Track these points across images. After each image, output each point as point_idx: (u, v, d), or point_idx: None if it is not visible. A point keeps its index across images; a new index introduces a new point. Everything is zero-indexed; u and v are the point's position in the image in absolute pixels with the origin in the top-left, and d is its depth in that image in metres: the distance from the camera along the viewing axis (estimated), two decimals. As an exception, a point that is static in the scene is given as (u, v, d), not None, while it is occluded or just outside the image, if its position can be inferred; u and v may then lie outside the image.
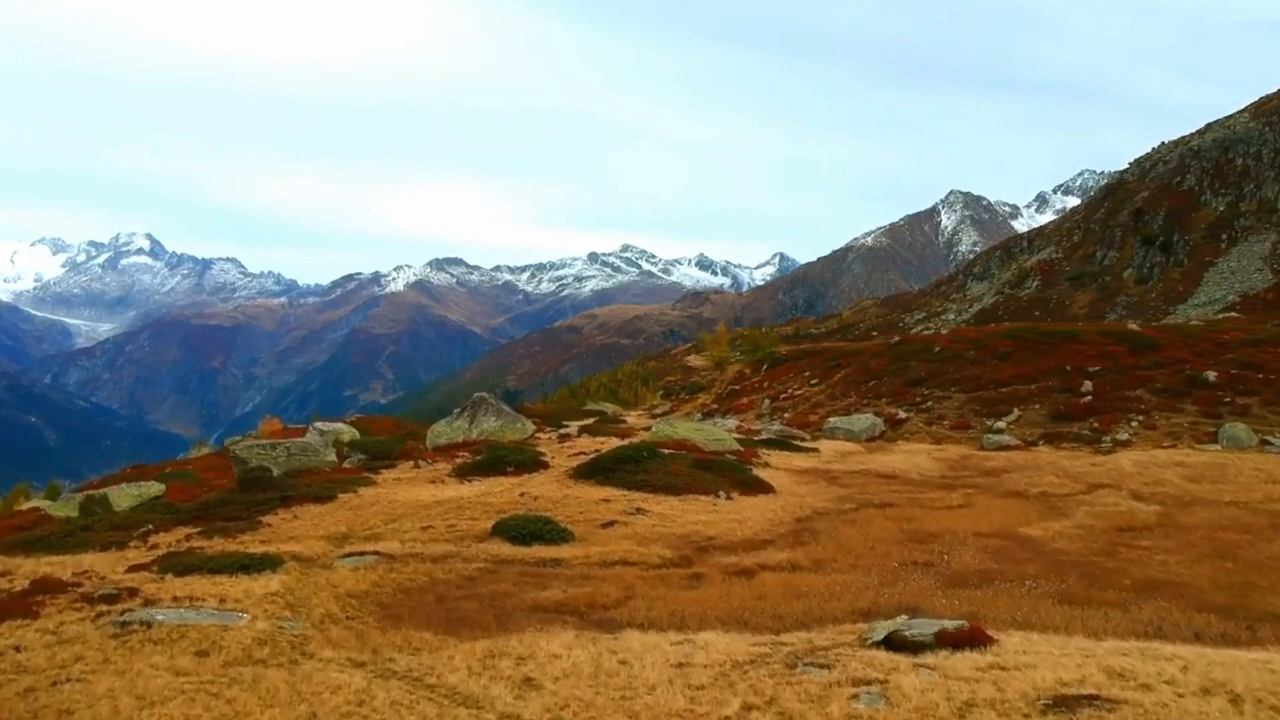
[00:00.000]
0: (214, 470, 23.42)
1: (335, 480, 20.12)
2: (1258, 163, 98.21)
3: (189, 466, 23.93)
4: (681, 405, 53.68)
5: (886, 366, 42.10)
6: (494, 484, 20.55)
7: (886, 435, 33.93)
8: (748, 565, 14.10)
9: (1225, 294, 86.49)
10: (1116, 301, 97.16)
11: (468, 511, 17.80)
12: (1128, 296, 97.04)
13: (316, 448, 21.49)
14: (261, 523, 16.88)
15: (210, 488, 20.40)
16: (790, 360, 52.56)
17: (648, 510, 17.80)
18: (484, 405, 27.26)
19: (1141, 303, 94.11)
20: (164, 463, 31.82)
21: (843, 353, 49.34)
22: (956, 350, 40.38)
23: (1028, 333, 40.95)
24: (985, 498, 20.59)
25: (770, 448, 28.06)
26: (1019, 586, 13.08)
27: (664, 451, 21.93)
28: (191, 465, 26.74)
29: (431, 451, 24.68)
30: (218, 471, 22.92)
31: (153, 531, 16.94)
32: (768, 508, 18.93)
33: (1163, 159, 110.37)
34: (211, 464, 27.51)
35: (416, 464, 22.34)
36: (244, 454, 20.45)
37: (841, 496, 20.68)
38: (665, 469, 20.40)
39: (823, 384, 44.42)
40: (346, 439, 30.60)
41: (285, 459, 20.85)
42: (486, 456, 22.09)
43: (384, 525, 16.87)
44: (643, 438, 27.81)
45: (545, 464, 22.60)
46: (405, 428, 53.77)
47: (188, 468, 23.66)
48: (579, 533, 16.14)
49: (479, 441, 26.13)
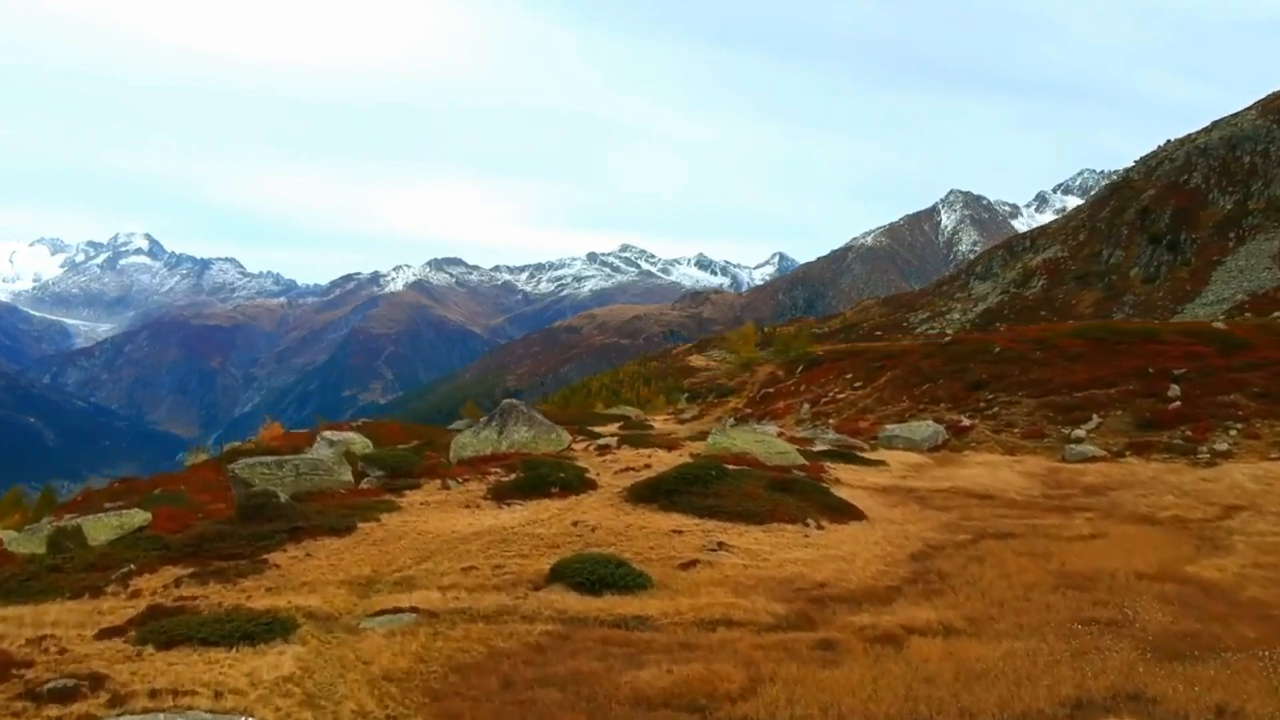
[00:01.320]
0: (210, 490, 20.30)
1: (353, 505, 17.06)
2: (1265, 160, 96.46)
3: (181, 486, 20.78)
4: (710, 409, 50.62)
5: (941, 368, 39.06)
6: (539, 509, 17.50)
7: (950, 444, 30.89)
8: (888, 627, 11.06)
9: (1234, 293, 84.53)
10: (1123, 301, 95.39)
11: (515, 546, 14.79)
12: (1134, 296, 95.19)
13: (329, 465, 18.41)
14: (267, 562, 13.86)
15: (205, 513, 17.32)
16: (828, 361, 49.49)
17: (731, 545, 14.78)
18: (514, 413, 24.18)
19: (1148, 302, 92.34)
20: (154, 477, 28.78)
21: (886, 353, 46.27)
22: (1020, 351, 37.29)
23: (1100, 331, 37.89)
24: (1114, 525, 17.55)
25: (833, 460, 25.06)
26: (1252, 659, 10.09)
27: (730, 469, 18.90)
28: (184, 483, 23.63)
29: (458, 466, 21.62)
30: (214, 492, 19.81)
31: (135, 573, 13.92)
32: (869, 540, 15.91)
33: (1169, 157, 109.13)
34: (206, 481, 24.46)
35: (445, 483, 19.28)
36: (245, 475, 17.40)
37: (946, 524, 17.64)
38: (738, 491, 17.38)
39: (867, 387, 41.43)
40: (359, 450, 27.55)
41: (294, 479, 17.79)
42: (527, 476, 19.01)
43: (416, 565, 13.86)
44: (698, 449, 24.81)
45: (593, 483, 19.55)
46: (414, 433, 50.79)
47: (180, 487, 20.51)
48: (657, 576, 13.12)
49: (511, 455, 23.07)
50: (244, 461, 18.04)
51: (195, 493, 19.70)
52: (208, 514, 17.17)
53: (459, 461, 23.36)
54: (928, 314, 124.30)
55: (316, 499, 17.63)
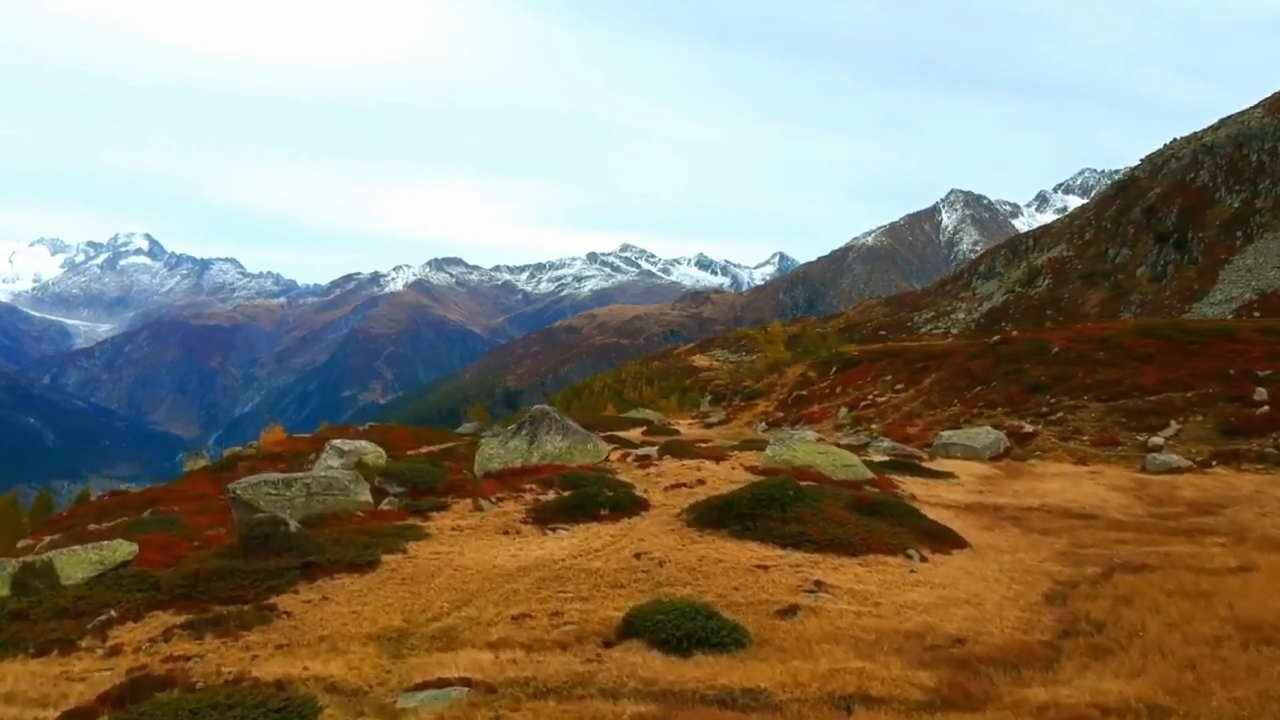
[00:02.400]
0: (208, 512, 17.78)
1: (374, 532, 14.59)
2: (1273, 158, 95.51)
3: (175, 507, 18.20)
4: (738, 413, 48.19)
5: (992, 370, 36.66)
6: (590, 536, 15.06)
7: (1013, 453, 28.42)
8: (1076, 708, 8.59)
9: (1242, 292, 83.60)
10: (1130, 300, 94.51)
11: (571, 585, 12.36)
12: (1141, 295, 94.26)
13: (345, 483, 15.92)
14: (276, 609, 11.42)
15: (202, 541, 14.85)
16: (864, 362, 47.00)
17: (830, 584, 12.33)
18: (546, 421, 21.67)
19: (1155, 301, 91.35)
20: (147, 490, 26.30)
21: (928, 353, 43.80)
22: (1081, 351, 34.84)
23: (1170, 330, 35.44)
24: (1258, 553, 15.04)
25: (896, 472, 22.60)
26: None
27: (806, 487, 16.43)
28: (180, 498, 21.13)
29: (487, 482, 19.15)
30: (213, 515, 17.28)
31: (116, 621, 11.50)
32: (985, 575, 13.46)
33: (1175, 155, 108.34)
34: (204, 497, 22.03)
35: (476, 503, 16.79)
36: (249, 497, 14.95)
37: (1061, 552, 15.18)
38: (821, 514, 14.91)
39: (910, 390, 39.07)
40: (372, 461, 25.12)
41: (304, 500, 15.36)
42: (571, 495, 16.54)
43: (455, 611, 11.42)
44: (748, 459, 22.37)
45: (645, 503, 17.08)
46: (424, 437, 48.36)
47: (173, 508, 17.96)
48: (752, 628, 10.67)
49: (544, 468, 20.62)
50: (246, 481, 15.56)
51: (191, 515, 17.20)
52: (205, 542, 14.71)
53: (485, 475, 20.90)
54: (932, 313, 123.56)
55: (331, 524, 15.16)
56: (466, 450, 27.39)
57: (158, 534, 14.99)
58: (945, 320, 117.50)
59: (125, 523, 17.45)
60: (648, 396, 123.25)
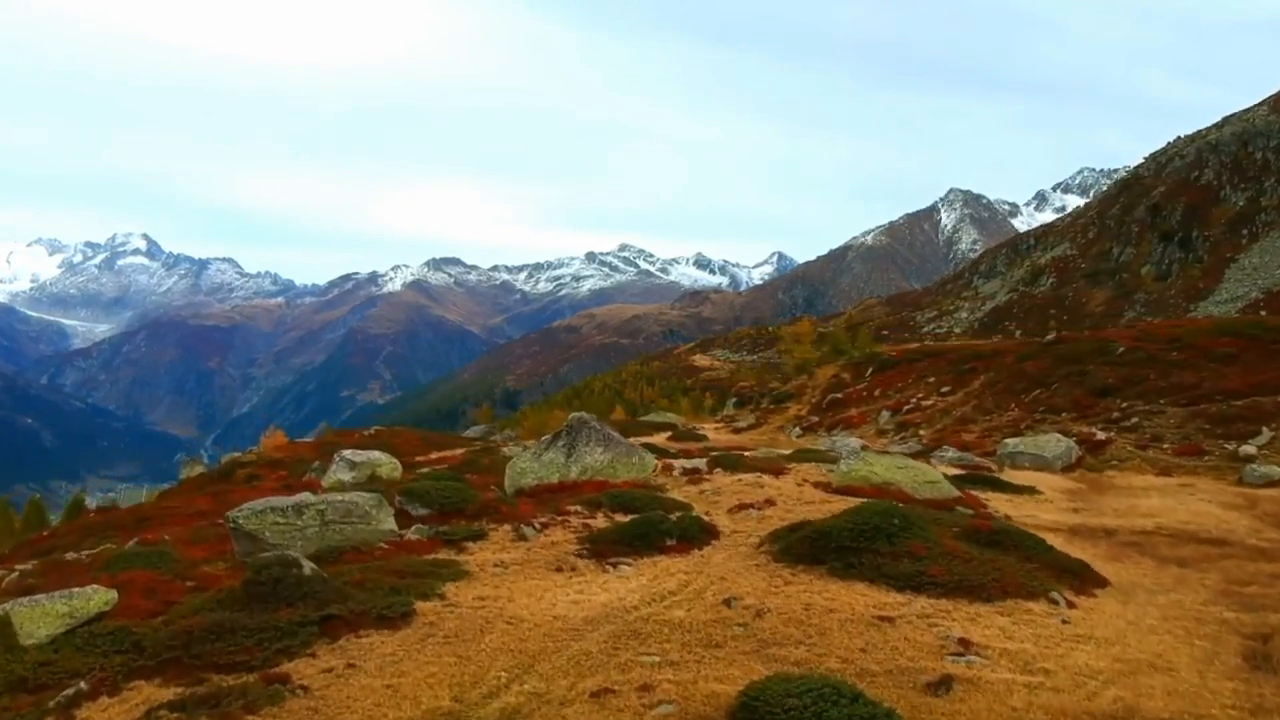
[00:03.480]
0: (204, 542, 15.11)
1: (403, 570, 12.06)
2: (1278, 157, 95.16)
3: (166, 535, 15.58)
4: (769, 416, 45.77)
5: (1050, 371, 34.15)
6: (659, 572, 12.59)
7: (1086, 462, 25.97)
8: None
9: (1248, 290, 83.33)
10: (1135, 299, 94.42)
11: (654, 644, 9.92)
12: (1146, 294, 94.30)
13: (366, 508, 13.50)
14: (289, 681, 8.98)
15: (197, 581, 12.32)
16: (903, 363, 44.53)
17: (977, 643, 9.89)
18: (585, 430, 19.27)
19: (1161, 300, 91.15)
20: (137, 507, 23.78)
21: (975, 353, 41.36)
22: (1151, 351, 32.37)
23: (1253, 328, 32.97)
24: None
25: (973, 486, 20.16)
26: None
27: (906, 511, 13.99)
28: (171, 526, 18.55)
29: (525, 502, 16.69)
30: (209, 545, 14.62)
31: (86, 695, 9.08)
32: (1151, 626, 11.02)
33: (1179, 153, 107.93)
34: (202, 515, 19.52)
35: (518, 530, 14.25)
36: (253, 527, 12.56)
37: (1220, 592, 12.70)
38: (935, 546, 12.48)
39: (959, 392, 36.56)
40: (387, 474, 22.70)
41: (318, 531, 12.91)
42: (631, 523, 14.01)
43: (517, 684, 8.98)
44: (812, 474, 19.93)
45: (713, 529, 14.64)
46: (434, 442, 45.91)
47: (164, 538, 15.37)
48: (904, 712, 8.28)
49: (585, 485, 18.15)
50: (249, 507, 13.11)
51: (184, 545, 14.65)
52: (200, 582, 12.22)
53: (517, 492, 18.44)
54: (934, 313, 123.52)
55: (350, 559, 12.66)
56: (490, 461, 24.95)
57: (144, 571, 12.50)
58: (948, 320, 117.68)
59: (108, 553, 14.97)
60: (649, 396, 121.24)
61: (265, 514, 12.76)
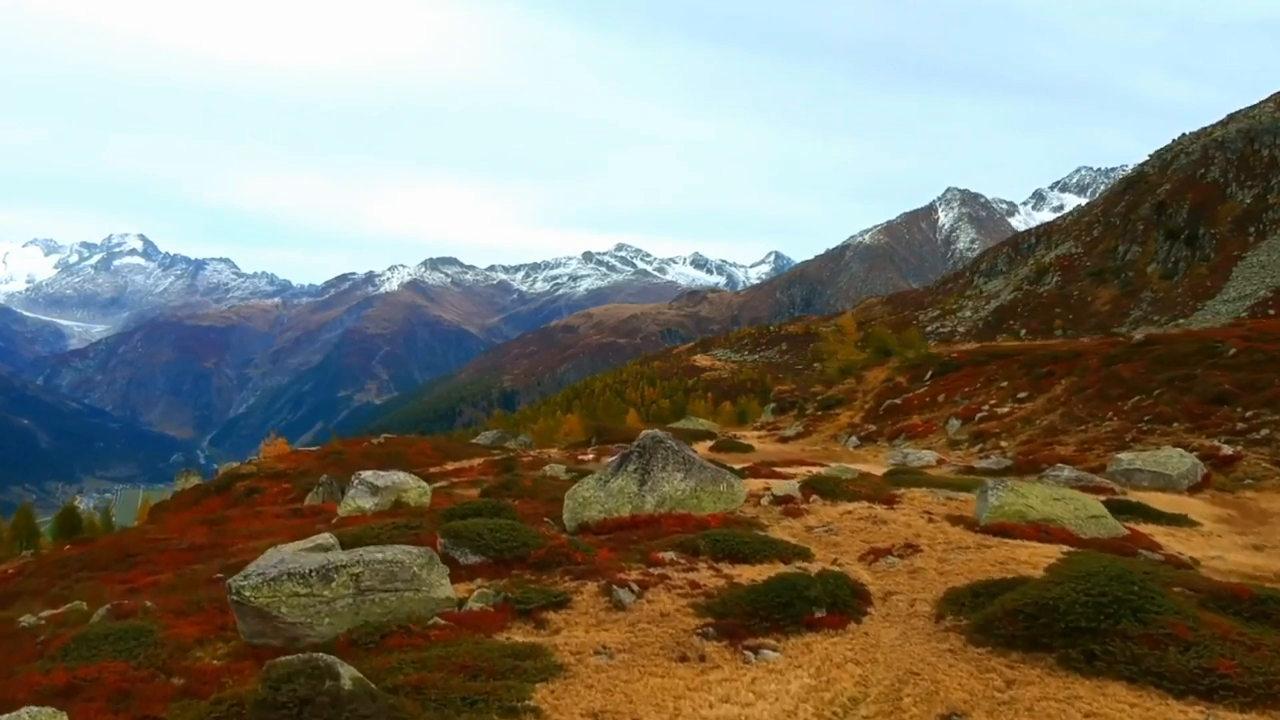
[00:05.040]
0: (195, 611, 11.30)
1: (473, 664, 8.70)
2: None
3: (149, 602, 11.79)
4: (817, 424, 42.17)
5: (1150, 376, 30.72)
6: (820, 663, 9.26)
7: (1214, 481, 22.58)
8: None
9: (1256, 289, 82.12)
10: (1141, 298, 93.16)
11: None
12: (1153, 293, 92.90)
13: (413, 568, 9.99)
14: None
15: (188, 680, 8.91)
16: (966, 365, 40.95)
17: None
18: (661, 452, 15.79)
19: (1168, 299, 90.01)
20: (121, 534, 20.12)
21: (1052, 355, 37.76)
22: (1270, 353, 29.05)
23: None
24: None
25: (1117, 516, 16.69)
26: None
27: (1136, 570, 10.58)
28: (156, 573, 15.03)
29: (605, 548, 13.28)
30: (203, 615, 11.00)
31: None
32: None
33: (1185, 150, 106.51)
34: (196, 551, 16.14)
35: (611, 595, 10.92)
36: (263, 601, 9.16)
37: None
38: (1198, 624, 9.11)
39: (1039, 399, 33.12)
40: (415, 499, 19.33)
41: (352, 602, 9.48)
42: (764, 588, 10.60)
43: None
44: (932, 505, 16.47)
45: (861, 591, 11.23)
46: (448, 451, 42.51)
47: (145, 603, 11.57)
48: None
49: (665, 520, 14.82)
50: (259, 573, 9.63)
51: (171, 617, 11.08)
52: (192, 680, 8.82)
53: (580, 528, 15.09)
54: (938, 312, 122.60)
55: (397, 641, 9.30)
56: (533, 483, 21.42)
57: (115, 662, 9.10)
58: (952, 319, 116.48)
59: (74, 619, 11.53)
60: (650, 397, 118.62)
61: (281, 582, 9.35)
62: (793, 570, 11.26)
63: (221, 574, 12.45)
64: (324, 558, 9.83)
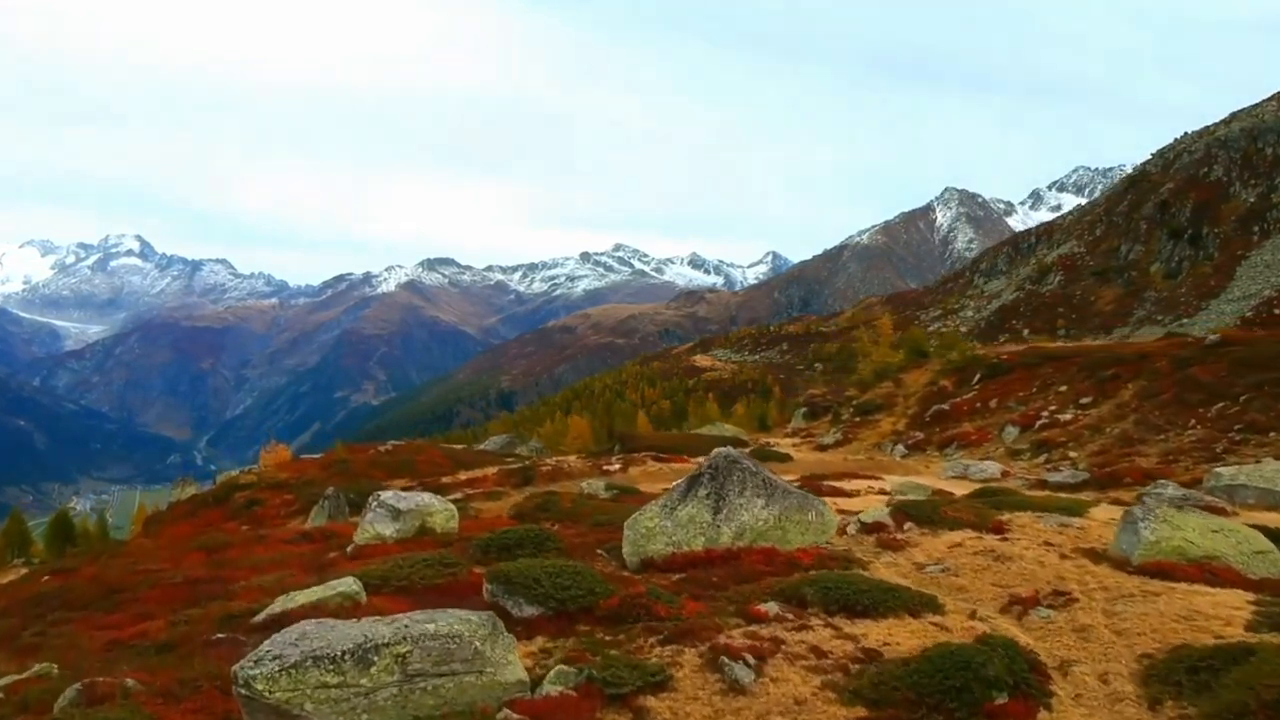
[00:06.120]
0: (191, 693, 9.02)
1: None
2: None
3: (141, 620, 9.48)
4: (857, 431, 39.78)
5: (1231, 380, 28.43)
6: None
7: (1330, 498, 20.29)
8: None
9: (1261, 288, 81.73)
10: (1145, 298, 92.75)
11: None
12: (1156, 292, 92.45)
13: (475, 644, 7.67)
14: None
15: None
16: (1018, 368, 38.55)
17: None
18: (737, 474, 13.43)
19: (1171, 298, 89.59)
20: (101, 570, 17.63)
21: (1115, 357, 35.47)
22: (1366, 355, 26.83)
23: None
24: None
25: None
26: None
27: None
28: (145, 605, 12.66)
29: (689, 598, 10.95)
30: (199, 698, 8.73)
31: None
32: None
33: (1187, 149, 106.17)
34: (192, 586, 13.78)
35: (724, 674, 8.53)
36: (282, 694, 6.86)
37: None
38: None
39: (1105, 405, 30.78)
40: (442, 525, 16.94)
41: (396, 694, 7.17)
42: (928, 668, 8.24)
43: None
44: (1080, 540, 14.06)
45: (1038, 666, 8.88)
46: (459, 458, 40.29)
47: (125, 680, 9.30)
48: None
49: (747, 554, 12.46)
50: (275, 658, 7.29)
51: (160, 703, 8.68)
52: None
53: (644, 564, 12.72)
54: (939, 311, 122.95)
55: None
56: (572, 504, 18.92)
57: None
58: (953, 319, 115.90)
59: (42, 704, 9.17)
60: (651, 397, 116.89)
61: (304, 670, 7.02)
62: (973, 650, 8.86)
63: (223, 634, 10.11)
64: (359, 632, 7.48)
